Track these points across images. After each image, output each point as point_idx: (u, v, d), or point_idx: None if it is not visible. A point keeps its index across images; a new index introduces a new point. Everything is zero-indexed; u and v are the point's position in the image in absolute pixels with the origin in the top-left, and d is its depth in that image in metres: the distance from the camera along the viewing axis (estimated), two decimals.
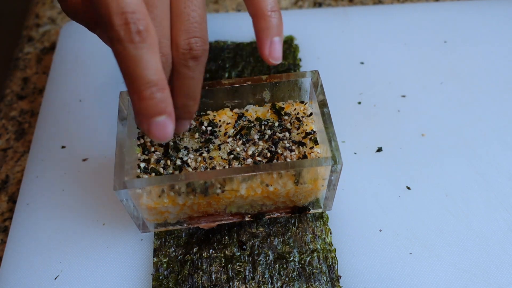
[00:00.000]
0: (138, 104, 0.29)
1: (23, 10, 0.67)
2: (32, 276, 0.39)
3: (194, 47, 0.32)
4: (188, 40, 0.31)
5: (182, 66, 0.32)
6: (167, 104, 0.30)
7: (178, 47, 0.32)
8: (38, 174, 0.45)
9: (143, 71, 0.28)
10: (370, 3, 0.61)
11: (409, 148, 0.46)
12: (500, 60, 0.53)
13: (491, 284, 0.38)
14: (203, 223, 0.40)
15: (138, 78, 0.29)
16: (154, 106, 0.29)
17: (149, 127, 0.30)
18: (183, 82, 0.33)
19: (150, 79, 0.29)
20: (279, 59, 0.36)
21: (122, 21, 0.27)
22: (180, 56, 0.32)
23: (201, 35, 0.32)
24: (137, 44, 0.28)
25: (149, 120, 0.30)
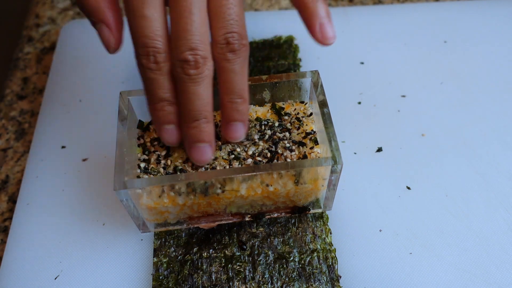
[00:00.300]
0: (152, 113, 0.35)
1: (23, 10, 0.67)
2: (32, 276, 0.39)
3: (231, 40, 0.33)
4: (225, 35, 0.33)
5: (222, 61, 0.34)
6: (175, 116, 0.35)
7: (216, 43, 0.33)
8: (38, 174, 0.45)
9: (156, 90, 0.34)
10: (370, 3, 0.61)
11: (409, 148, 0.46)
12: (500, 60, 0.53)
13: (491, 284, 0.38)
14: (203, 223, 0.40)
15: (153, 94, 0.34)
16: (163, 116, 0.35)
17: (160, 132, 0.36)
18: (226, 77, 0.34)
19: (162, 96, 0.34)
20: (333, 38, 0.37)
21: (145, 52, 0.33)
22: (219, 51, 0.33)
23: (238, 30, 0.33)
24: (153, 71, 0.33)
25: (160, 126, 0.36)
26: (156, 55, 0.33)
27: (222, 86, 0.35)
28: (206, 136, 0.35)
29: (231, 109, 0.35)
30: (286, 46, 0.53)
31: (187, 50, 0.32)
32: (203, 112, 0.34)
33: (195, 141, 0.35)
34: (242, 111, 0.36)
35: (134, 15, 0.32)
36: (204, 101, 0.34)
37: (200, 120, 0.34)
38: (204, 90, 0.34)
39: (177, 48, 0.33)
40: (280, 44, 0.53)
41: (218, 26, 0.33)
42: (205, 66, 0.33)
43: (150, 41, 0.32)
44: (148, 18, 0.32)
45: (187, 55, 0.32)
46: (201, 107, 0.34)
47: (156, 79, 0.34)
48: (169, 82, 0.34)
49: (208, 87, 0.34)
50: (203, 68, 0.33)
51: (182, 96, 0.34)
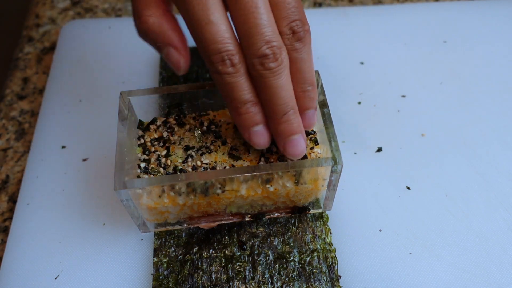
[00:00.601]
0: (238, 119, 0.35)
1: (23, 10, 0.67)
2: (32, 276, 0.39)
3: (296, 29, 0.33)
4: (289, 25, 0.33)
5: (291, 51, 0.34)
6: (261, 115, 0.35)
7: (283, 34, 0.33)
8: (38, 174, 0.45)
9: (238, 93, 0.34)
10: (370, 3, 0.61)
11: (409, 148, 0.46)
12: (500, 60, 0.53)
13: (491, 284, 0.38)
14: (203, 223, 0.40)
15: (235, 98, 0.34)
16: (250, 118, 0.35)
17: (249, 136, 0.35)
18: (296, 66, 0.34)
19: (245, 98, 0.34)
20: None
21: (219, 58, 0.32)
22: (287, 42, 0.34)
23: (299, 17, 0.34)
24: (232, 74, 0.33)
25: (249, 130, 0.35)
26: (232, 57, 0.32)
27: (294, 76, 0.34)
28: (298, 127, 0.35)
29: (304, 98, 0.35)
30: None
31: (263, 44, 0.32)
32: (290, 103, 0.34)
33: (289, 135, 0.35)
34: (314, 98, 0.36)
35: (200, 23, 0.32)
36: (289, 91, 0.34)
37: (289, 112, 0.34)
38: (287, 80, 0.34)
39: (252, 45, 0.32)
40: None
41: (281, 17, 0.33)
42: (282, 55, 0.33)
43: (222, 45, 0.32)
44: (214, 23, 0.32)
45: (264, 49, 0.32)
46: (288, 98, 0.34)
47: (236, 82, 0.33)
48: (248, 82, 0.34)
49: (289, 77, 0.34)
50: (282, 58, 0.33)
51: (266, 92, 0.34)
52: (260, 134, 0.35)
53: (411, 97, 0.50)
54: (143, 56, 0.53)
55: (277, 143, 0.36)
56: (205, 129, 0.40)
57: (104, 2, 0.62)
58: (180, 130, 0.40)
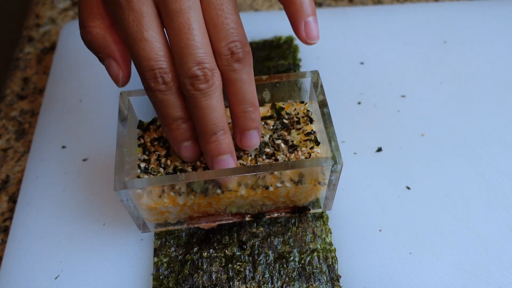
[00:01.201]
0: (168, 134, 0.36)
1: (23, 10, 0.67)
2: (32, 276, 0.39)
3: (235, 50, 0.33)
4: (228, 45, 0.33)
5: (229, 72, 0.34)
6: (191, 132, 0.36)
7: (221, 55, 0.33)
8: (38, 174, 0.45)
9: (169, 110, 0.34)
10: (370, 3, 0.61)
11: (409, 148, 0.46)
12: (500, 60, 0.53)
13: (491, 284, 0.38)
14: (203, 223, 0.40)
15: (167, 115, 0.35)
16: (180, 134, 0.36)
17: (179, 150, 0.37)
18: (235, 87, 0.34)
19: (175, 115, 0.35)
20: (317, 38, 0.37)
21: (152, 76, 0.33)
22: (225, 63, 0.33)
23: (239, 38, 0.33)
24: (163, 92, 0.33)
25: (178, 145, 0.36)
26: (164, 75, 0.33)
27: (232, 97, 0.35)
28: (227, 148, 0.35)
29: (244, 118, 0.35)
30: (286, 46, 0.53)
31: (194, 65, 0.32)
32: (220, 124, 0.34)
33: (216, 155, 0.35)
34: (255, 119, 0.36)
35: (134, 40, 0.32)
36: (219, 113, 0.34)
37: (218, 133, 0.34)
38: (217, 102, 0.34)
39: (183, 65, 0.32)
40: (280, 44, 0.53)
41: (219, 38, 0.33)
42: (214, 77, 0.33)
43: (155, 62, 0.32)
44: (148, 41, 0.32)
45: (195, 70, 0.32)
46: (217, 119, 0.34)
47: (167, 99, 0.34)
48: (179, 99, 0.34)
49: (220, 98, 0.34)
50: (213, 80, 0.33)
51: (196, 112, 0.34)
52: (189, 149, 0.36)
53: (411, 97, 0.50)
54: None
55: (205, 160, 0.36)
56: None
57: None
58: None
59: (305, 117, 0.40)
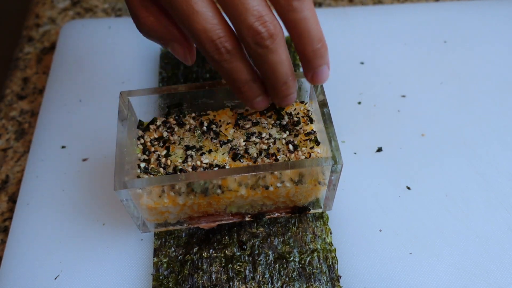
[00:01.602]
0: (241, 96, 0.36)
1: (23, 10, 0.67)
2: (32, 276, 0.39)
3: None
4: None
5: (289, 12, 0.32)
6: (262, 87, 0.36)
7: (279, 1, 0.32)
8: (38, 174, 0.45)
9: (238, 75, 0.34)
10: (370, 3, 0.61)
11: (409, 148, 0.46)
12: (500, 60, 0.53)
13: (491, 284, 0.38)
14: (203, 223, 0.40)
15: (236, 81, 0.35)
16: (252, 93, 0.36)
17: (252, 105, 0.37)
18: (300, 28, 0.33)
19: (245, 78, 0.34)
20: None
21: (214, 47, 0.32)
22: (283, 4, 0.32)
23: None
24: (228, 61, 0.33)
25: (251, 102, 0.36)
26: (225, 44, 0.32)
27: (299, 38, 0.33)
28: (293, 88, 0.36)
29: (315, 57, 0.35)
30: None
31: (254, 20, 0.31)
32: (289, 73, 0.34)
33: (286, 96, 0.36)
34: (325, 54, 0.35)
35: (186, 16, 0.32)
36: (287, 64, 0.34)
37: (288, 81, 0.35)
38: (284, 54, 0.33)
39: (242, 23, 0.31)
40: None
41: None
42: (277, 29, 0.32)
43: (213, 32, 0.32)
44: (200, 12, 0.32)
45: (257, 26, 0.31)
46: (286, 70, 0.34)
47: (234, 67, 0.33)
48: (246, 61, 0.34)
49: (285, 49, 0.33)
50: (276, 33, 0.32)
51: (265, 67, 0.33)
52: (262, 102, 0.37)
53: (411, 97, 0.50)
54: (143, 56, 0.53)
55: (273, 99, 0.37)
56: (205, 129, 0.40)
57: (104, 2, 0.62)
58: (180, 130, 0.40)
59: (305, 117, 0.40)
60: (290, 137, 0.39)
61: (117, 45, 0.55)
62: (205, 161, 0.37)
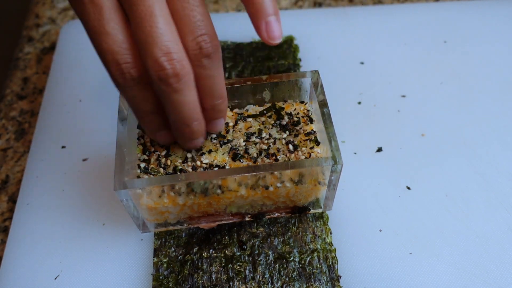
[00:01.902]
0: (143, 125, 0.36)
1: (23, 10, 0.67)
2: (32, 276, 0.39)
3: (203, 45, 0.31)
4: (195, 40, 0.31)
5: (198, 67, 0.32)
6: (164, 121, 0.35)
7: (188, 50, 0.31)
8: (38, 174, 0.45)
9: (140, 105, 0.34)
10: (370, 3, 0.61)
11: (409, 148, 0.46)
12: (500, 60, 0.53)
13: (491, 284, 0.38)
14: (203, 223, 0.40)
15: (138, 110, 0.34)
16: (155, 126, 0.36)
17: (155, 137, 0.37)
18: (204, 83, 0.33)
19: (147, 110, 0.34)
20: (278, 38, 0.36)
21: (119, 71, 0.31)
22: (193, 58, 0.32)
23: (206, 31, 0.31)
24: (132, 88, 0.32)
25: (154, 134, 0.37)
26: (131, 70, 0.31)
27: (201, 91, 0.33)
28: (199, 132, 0.35)
29: (213, 111, 0.35)
30: (286, 46, 0.53)
31: (160, 55, 0.30)
32: (194, 115, 0.34)
33: (190, 139, 0.36)
34: (223, 109, 0.36)
35: (96, 34, 0.31)
36: (192, 105, 0.33)
37: (192, 125, 0.34)
38: (190, 95, 0.32)
39: (148, 56, 0.30)
40: (280, 44, 0.53)
41: (186, 31, 0.31)
42: (184, 69, 0.31)
43: (120, 56, 0.31)
44: (110, 34, 0.31)
45: (162, 61, 0.30)
46: (190, 113, 0.33)
47: (137, 95, 0.33)
48: (150, 92, 0.33)
49: (192, 90, 0.32)
50: (182, 73, 0.31)
51: (168, 106, 0.33)
52: (164, 136, 0.37)
53: (411, 97, 0.50)
54: None
55: (177, 140, 0.37)
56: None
57: None
58: None
59: (305, 117, 0.40)
60: (290, 137, 0.39)
61: None
62: (205, 161, 0.37)
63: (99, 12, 0.31)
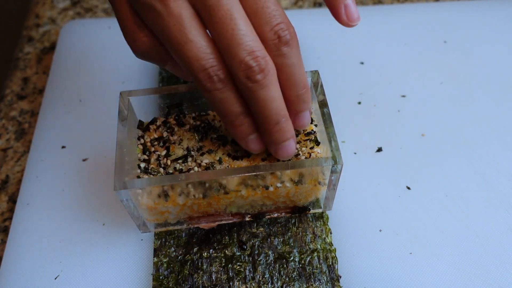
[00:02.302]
0: (233, 131, 0.35)
1: (23, 10, 0.67)
2: (32, 276, 0.39)
3: (281, 33, 0.32)
4: (273, 29, 0.32)
5: (278, 57, 0.32)
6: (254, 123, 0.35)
7: (267, 41, 0.32)
8: (38, 174, 0.45)
9: (231, 107, 0.33)
10: (370, 3, 0.61)
11: (409, 148, 0.46)
12: (500, 60, 0.53)
13: (491, 284, 0.38)
14: (203, 223, 0.40)
15: (228, 113, 0.34)
16: (245, 129, 0.35)
17: (246, 144, 0.36)
18: (287, 72, 0.33)
19: (237, 111, 0.34)
20: (358, 20, 0.36)
21: (206, 76, 0.32)
22: (273, 48, 0.32)
23: (282, 19, 0.32)
24: (221, 90, 0.32)
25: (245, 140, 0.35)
26: (218, 73, 0.32)
27: (284, 82, 0.33)
28: (290, 133, 0.35)
29: (298, 102, 0.35)
30: None
31: (245, 55, 0.31)
32: (281, 112, 0.33)
33: (281, 142, 0.35)
34: (307, 99, 0.35)
35: (179, 44, 0.31)
36: (279, 101, 0.33)
37: (281, 121, 0.34)
38: (275, 91, 0.33)
39: (234, 57, 0.31)
40: None
41: (262, 23, 0.32)
42: (268, 65, 0.32)
43: (206, 61, 0.31)
44: (193, 41, 0.31)
45: (248, 60, 0.31)
46: (279, 109, 0.33)
47: (226, 97, 0.33)
48: (237, 94, 0.33)
49: (277, 86, 0.33)
50: (268, 68, 0.32)
51: (255, 104, 0.33)
52: (256, 141, 0.36)
53: (411, 97, 0.50)
54: None
55: (268, 148, 0.36)
56: (205, 129, 0.40)
57: (104, 2, 0.62)
58: (180, 130, 0.40)
59: None
60: None
61: (117, 45, 0.55)
62: (205, 161, 0.37)
63: (179, 22, 0.31)
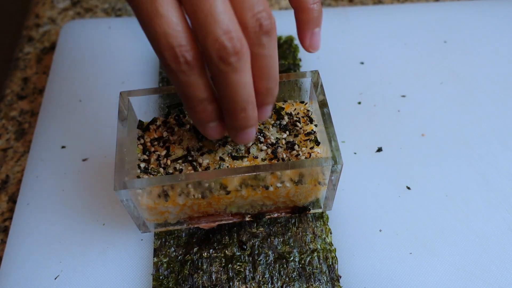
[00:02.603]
0: (193, 116, 0.33)
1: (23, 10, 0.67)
2: (32, 276, 0.39)
3: (263, 21, 0.30)
4: (255, 16, 0.30)
5: (256, 46, 0.31)
6: (217, 111, 0.33)
7: (247, 28, 0.30)
8: (38, 174, 0.45)
9: (194, 92, 0.32)
10: (370, 3, 0.61)
11: (409, 148, 0.46)
12: (500, 60, 0.53)
13: (491, 284, 0.38)
14: (203, 223, 0.40)
15: (191, 97, 0.32)
16: (206, 116, 0.33)
17: (204, 131, 0.35)
18: (262, 63, 0.32)
19: (201, 97, 0.32)
20: (318, 48, 0.37)
21: (172, 55, 0.30)
22: (252, 35, 0.30)
23: (264, 7, 0.30)
24: (186, 73, 0.30)
25: (204, 126, 0.34)
26: (185, 54, 0.30)
27: (257, 72, 0.32)
28: (253, 120, 0.33)
29: (266, 95, 0.33)
30: (286, 46, 0.53)
31: (221, 34, 0.29)
32: (249, 98, 0.32)
33: (243, 128, 0.34)
34: (275, 94, 0.34)
35: (148, 17, 0.29)
36: (249, 88, 0.31)
37: (248, 109, 0.32)
38: (247, 77, 0.31)
39: (208, 35, 0.29)
40: (280, 44, 0.53)
41: (244, 7, 0.30)
42: (243, 48, 0.29)
43: (174, 39, 0.29)
44: (164, 16, 0.29)
45: (223, 40, 0.29)
46: (247, 95, 0.31)
47: (190, 81, 0.31)
48: (204, 78, 0.31)
49: (249, 72, 0.31)
50: (242, 51, 0.29)
51: (225, 88, 0.31)
52: (215, 129, 0.34)
53: (411, 97, 0.50)
54: (143, 56, 0.53)
55: (228, 131, 0.35)
56: None
57: (104, 2, 0.62)
58: (180, 130, 0.40)
59: (305, 117, 0.40)
60: (290, 137, 0.39)
61: (117, 45, 0.55)
62: (205, 161, 0.37)
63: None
